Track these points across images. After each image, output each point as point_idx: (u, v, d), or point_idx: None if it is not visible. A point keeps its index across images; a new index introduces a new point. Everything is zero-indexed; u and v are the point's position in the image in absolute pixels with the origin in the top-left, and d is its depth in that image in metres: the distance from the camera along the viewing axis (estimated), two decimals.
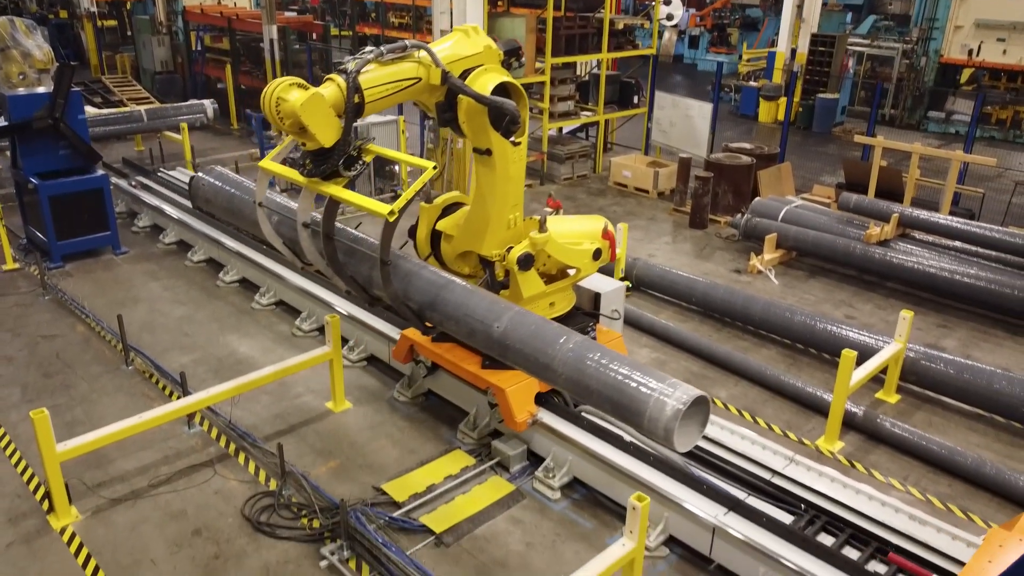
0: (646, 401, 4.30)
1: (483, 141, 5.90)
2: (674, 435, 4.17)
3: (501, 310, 5.25)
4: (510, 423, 6.18)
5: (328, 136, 5.14)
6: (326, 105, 5.08)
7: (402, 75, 5.48)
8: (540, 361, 4.83)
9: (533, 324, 5.05)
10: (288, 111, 4.99)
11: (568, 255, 6.41)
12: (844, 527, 5.23)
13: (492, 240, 6.22)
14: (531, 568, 5.35)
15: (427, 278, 5.73)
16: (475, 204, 6.29)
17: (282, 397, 7.34)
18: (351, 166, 5.40)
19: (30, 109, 9.76)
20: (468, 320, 5.33)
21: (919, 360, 7.48)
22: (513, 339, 5.02)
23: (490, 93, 5.65)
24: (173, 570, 5.31)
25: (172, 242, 10.92)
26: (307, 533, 5.60)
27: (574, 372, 4.65)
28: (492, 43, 5.94)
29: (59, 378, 7.57)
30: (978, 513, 6.06)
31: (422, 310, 5.73)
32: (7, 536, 5.57)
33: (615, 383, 4.47)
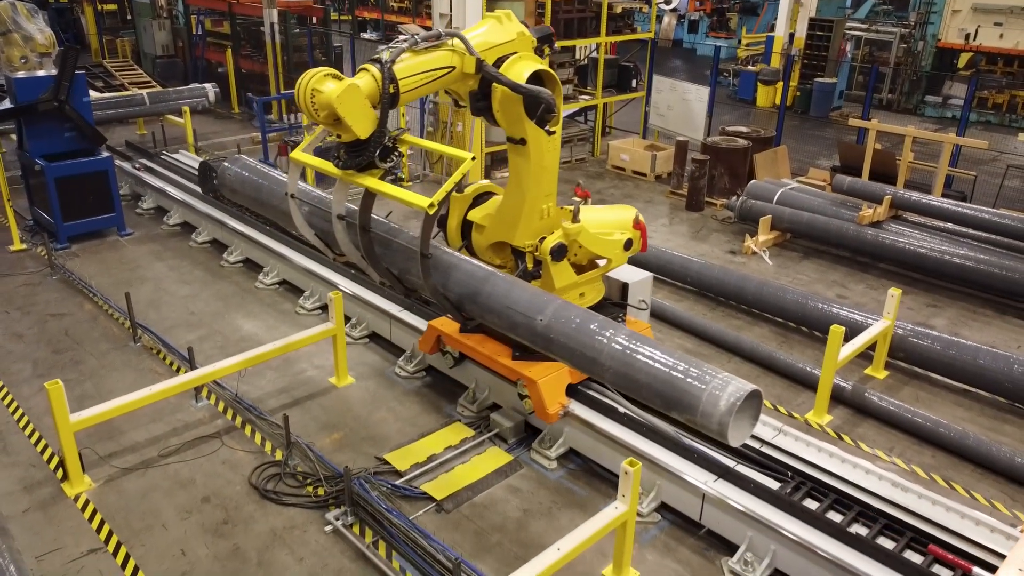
0: (699, 396, 4.28)
1: (517, 130, 5.83)
2: (728, 429, 4.17)
3: (544, 303, 5.19)
4: (541, 415, 6.16)
5: (364, 127, 5.10)
6: (362, 96, 5.03)
7: (436, 64, 5.41)
8: (586, 355, 4.77)
9: (578, 317, 4.99)
10: (323, 102, 4.95)
11: (600, 245, 6.37)
12: (828, 493, 5.43)
13: (525, 230, 6.16)
14: (528, 533, 5.56)
15: (467, 270, 5.67)
16: (508, 194, 6.23)
17: (286, 373, 7.53)
18: (387, 157, 5.36)
19: (36, 92, 9.90)
20: (510, 313, 5.27)
21: (907, 337, 7.67)
22: (557, 332, 4.96)
23: (526, 80, 5.59)
24: (184, 535, 5.52)
25: (176, 223, 11.09)
26: (312, 500, 5.81)
27: (622, 366, 4.61)
28: (525, 29, 5.86)
29: (68, 354, 7.76)
30: (960, 483, 6.27)
31: (461, 302, 5.68)
32: (23, 503, 5.78)
33: (667, 377, 4.43)
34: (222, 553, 5.36)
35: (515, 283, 5.51)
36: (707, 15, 31.11)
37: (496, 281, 5.53)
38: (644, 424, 6.00)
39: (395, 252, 5.92)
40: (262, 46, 17.26)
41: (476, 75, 5.57)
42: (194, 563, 5.27)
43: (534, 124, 5.77)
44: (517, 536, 5.54)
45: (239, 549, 5.39)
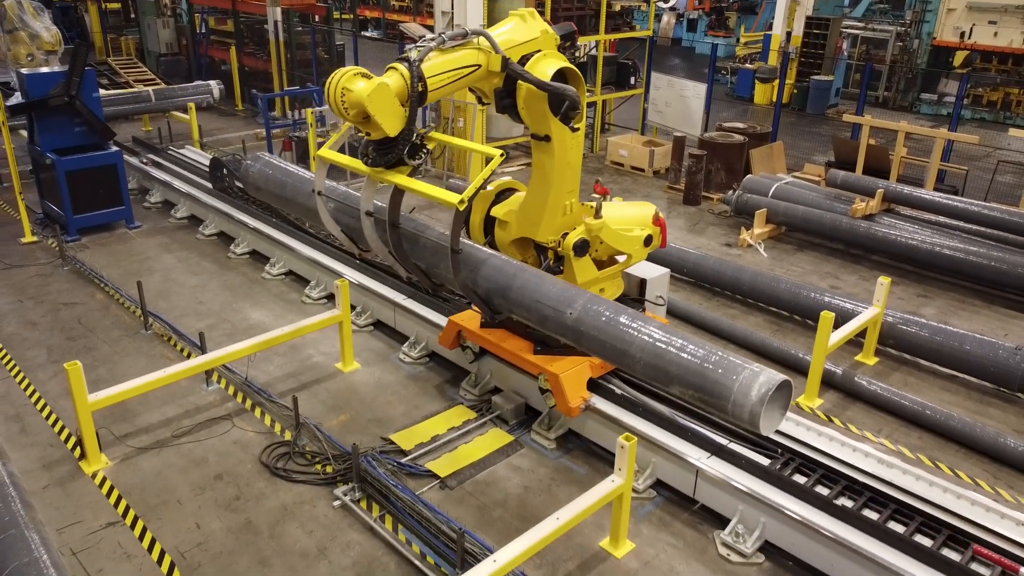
0: (730, 387, 4.35)
1: (542, 127, 5.91)
2: (760, 419, 4.27)
3: (573, 296, 5.28)
4: (563, 408, 6.24)
5: (393, 125, 5.18)
6: (391, 95, 5.12)
7: (463, 62, 5.50)
8: (617, 347, 4.85)
9: (608, 310, 5.08)
10: (353, 101, 5.06)
11: (621, 241, 6.50)
12: (816, 468, 5.66)
13: (548, 226, 6.26)
14: (528, 507, 5.79)
15: (496, 266, 5.77)
16: (532, 190, 6.32)
17: (293, 359, 7.76)
18: (415, 155, 5.46)
19: (47, 87, 10.13)
20: (540, 307, 5.36)
21: (896, 324, 7.90)
22: (588, 325, 5.05)
23: (549, 79, 5.67)
24: (198, 509, 5.75)
25: (183, 217, 11.32)
26: (321, 477, 6.04)
27: (653, 358, 4.68)
28: (548, 28, 5.96)
29: (82, 341, 7.99)
30: (945, 462, 6.50)
31: (490, 296, 5.78)
32: (43, 480, 6.01)
33: (698, 368, 4.50)
34: (235, 526, 5.59)
35: (544, 278, 5.59)
36: (706, 14, 31.37)
37: (526, 276, 5.61)
38: (640, 405, 6.23)
39: (423, 248, 5.98)
40: (265, 44, 17.50)
41: (501, 73, 5.64)
42: (208, 536, 5.50)
43: (558, 121, 5.85)
44: (518, 511, 5.77)
45: (251, 523, 5.62)
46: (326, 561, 5.29)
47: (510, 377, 6.92)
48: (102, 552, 5.34)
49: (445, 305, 7.84)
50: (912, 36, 20.58)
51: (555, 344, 6.40)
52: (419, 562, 5.24)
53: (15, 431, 6.57)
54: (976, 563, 4.90)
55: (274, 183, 7.05)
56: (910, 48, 20.62)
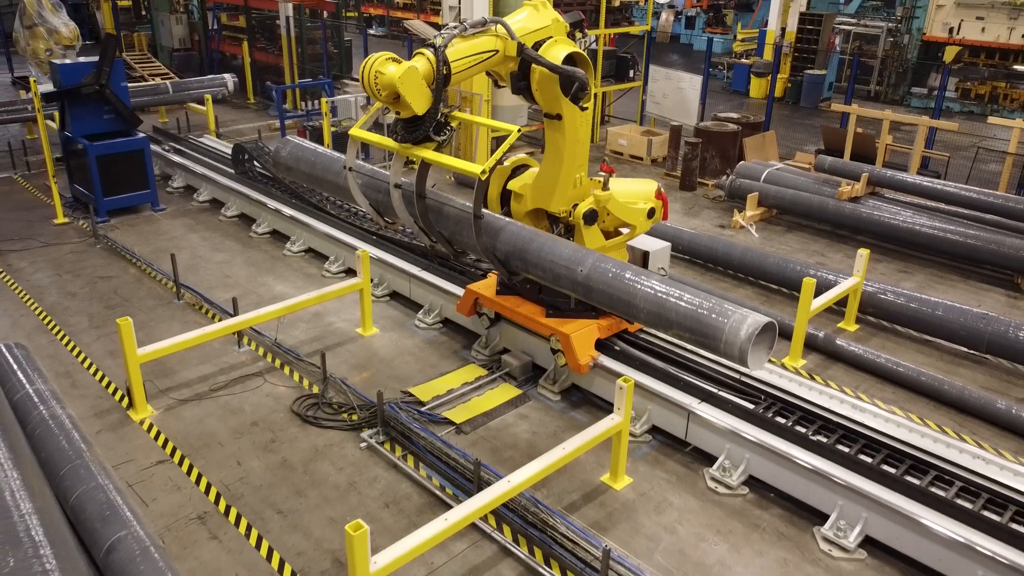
0: (722, 328, 4.89)
1: (554, 107, 6.42)
2: (748, 356, 4.81)
3: (583, 256, 5.83)
4: (574, 366, 6.79)
5: (421, 104, 5.69)
6: (419, 77, 5.64)
7: (482, 48, 6.02)
8: (623, 299, 5.40)
9: (614, 266, 5.63)
10: (386, 82, 5.55)
11: (627, 213, 7.07)
12: (795, 411, 6.29)
13: (560, 198, 6.81)
14: (536, 448, 6.40)
15: (514, 231, 6.31)
16: (545, 165, 6.85)
17: (317, 325, 8.39)
18: (440, 131, 5.95)
19: (78, 77, 10.74)
20: (554, 266, 5.91)
21: (876, 294, 8.52)
22: (597, 281, 5.62)
23: (560, 63, 6.18)
24: (238, 450, 6.37)
25: (206, 200, 11.94)
26: (348, 424, 6.66)
27: (655, 306, 5.24)
28: (559, 16, 6.48)
29: (119, 310, 8.61)
30: (916, 413, 7.11)
31: (508, 259, 6.31)
32: (96, 426, 6.63)
33: (694, 314, 5.06)
34: (272, 464, 6.21)
35: (557, 240, 6.13)
36: (703, 11, 31.99)
37: (541, 240, 6.17)
38: (638, 360, 6.85)
39: (447, 217, 6.51)
40: (276, 39, 18.12)
41: (517, 57, 6.19)
42: (248, 471, 6.12)
43: (569, 101, 6.36)
44: (527, 451, 6.39)
45: (286, 461, 6.25)
46: (356, 492, 5.91)
47: (518, 338, 7.54)
48: (155, 484, 5.97)
49: (457, 276, 8.47)
50: (902, 32, 21.22)
51: (565, 308, 7.02)
52: (439, 492, 5.86)
53: (66, 385, 7.19)
54: (935, 487, 5.51)
55: (305, 163, 7.61)
56: (901, 43, 21.25)
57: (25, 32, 16.83)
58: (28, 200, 12.11)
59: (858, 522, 5.46)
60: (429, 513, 5.57)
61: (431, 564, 5.24)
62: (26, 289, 9.08)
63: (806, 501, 5.79)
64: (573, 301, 7.01)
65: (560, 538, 5.28)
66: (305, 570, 5.18)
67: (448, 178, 13.40)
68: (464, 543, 5.42)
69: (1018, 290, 9.73)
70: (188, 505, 5.76)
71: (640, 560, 5.31)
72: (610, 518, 5.73)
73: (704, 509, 5.86)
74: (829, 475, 5.58)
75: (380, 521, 5.61)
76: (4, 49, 21.45)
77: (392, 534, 5.32)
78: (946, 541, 5.07)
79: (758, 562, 5.38)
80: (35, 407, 5.85)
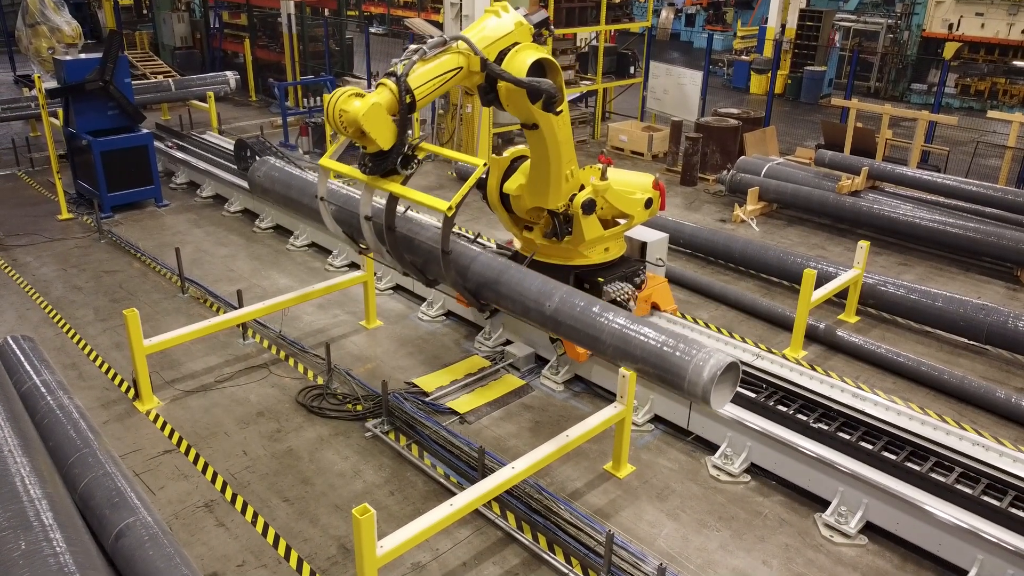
0: (686, 367, 4.87)
1: (527, 117, 6.24)
2: (711, 396, 4.81)
3: (552, 290, 5.77)
4: (572, 354, 6.89)
5: (386, 140, 5.61)
6: (384, 113, 5.55)
7: (446, 67, 5.85)
8: (590, 334, 5.38)
9: (581, 302, 5.58)
10: (350, 120, 5.49)
11: (624, 202, 7.06)
12: (796, 400, 6.34)
13: (555, 196, 6.71)
14: (540, 438, 6.43)
15: (485, 263, 6.24)
16: (534, 170, 6.72)
17: (321, 317, 8.44)
18: (407, 165, 5.85)
19: (82, 73, 10.80)
20: (523, 300, 5.87)
21: (876, 286, 8.57)
22: (564, 316, 5.59)
23: (527, 70, 5.97)
24: (244, 440, 6.43)
25: (209, 196, 12.00)
26: (352, 414, 6.72)
27: (621, 342, 5.22)
28: (522, 19, 6.12)
29: (125, 303, 8.66)
30: (916, 402, 7.16)
31: (479, 291, 6.25)
32: (103, 416, 6.69)
33: (658, 351, 5.05)
34: (278, 452, 6.27)
35: (527, 274, 6.06)
36: (703, 9, 32.02)
37: (511, 273, 6.09)
38: None
39: (417, 249, 6.44)
40: (278, 36, 18.18)
41: (482, 72, 6.00)
42: (255, 460, 6.18)
43: (541, 111, 6.14)
44: (530, 440, 6.45)
45: (292, 450, 6.30)
46: (361, 480, 5.97)
47: (521, 329, 7.59)
48: (162, 473, 6.03)
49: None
50: (902, 28, 21.26)
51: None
52: (444, 480, 5.92)
53: (73, 377, 7.25)
54: (935, 473, 5.57)
55: (280, 184, 7.51)
56: (900, 40, 21.30)
57: (27, 30, 16.89)
58: (33, 196, 12.17)
59: (859, 508, 5.51)
60: (434, 501, 5.62)
61: (436, 550, 5.30)
62: (32, 283, 9.14)
63: (807, 488, 5.84)
64: None
65: (564, 524, 5.33)
66: (312, 556, 5.24)
67: (450, 174, 13.45)
68: (469, 530, 5.48)
69: (1018, 282, 9.78)
70: (195, 493, 5.81)
71: (643, 545, 5.36)
72: (613, 505, 5.79)
73: (706, 496, 5.91)
74: (830, 462, 5.63)
75: (386, 508, 5.67)
76: (7, 47, 21.50)
77: (397, 521, 5.38)
78: (946, 526, 5.13)
79: (760, 547, 5.43)
80: (43, 397, 5.91)
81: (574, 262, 7.05)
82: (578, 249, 6.97)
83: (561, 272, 7.07)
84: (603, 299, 7.02)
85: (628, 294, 7.15)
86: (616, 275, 7.12)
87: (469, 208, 11.72)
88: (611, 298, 7.05)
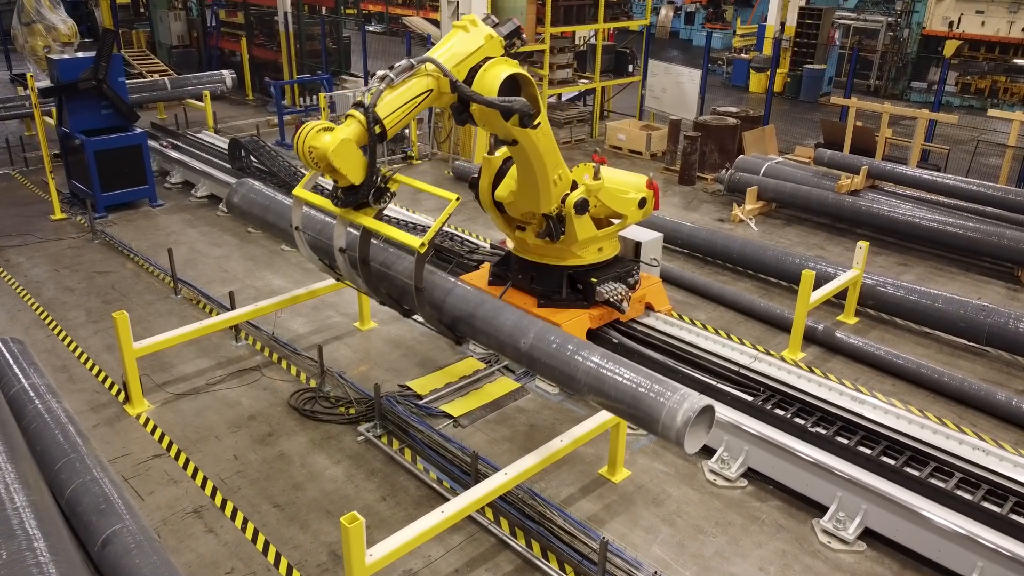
0: (660, 410, 4.78)
1: (505, 134, 6.11)
2: (684, 439, 4.72)
3: (527, 327, 5.63)
4: None
5: (357, 175, 5.47)
6: (354, 147, 5.40)
7: (414, 92, 5.64)
8: (565, 372, 5.30)
9: (557, 339, 5.48)
10: (320, 156, 5.34)
11: (617, 202, 6.98)
12: (794, 403, 6.26)
13: (546, 201, 6.62)
14: (534, 441, 6.37)
15: (460, 295, 6.08)
16: (520, 179, 6.62)
17: (315, 319, 8.36)
18: (380, 198, 5.70)
19: (75, 72, 10.70)
20: (498, 336, 5.75)
21: (876, 287, 8.49)
22: (540, 353, 5.47)
23: (499, 86, 5.67)
24: (235, 444, 6.35)
25: (204, 196, 11.91)
26: (345, 417, 6.64)
27: (595, 382, 5.13)
28: (492, 31, 5.89)
29: (117, 304, 8.58)
30: (916, 405, 7.09)
31: (455, 324, 6.13)
32: (92, 420, 6.61)
33: (633, 392, 4.95)
34: (269, 457, 6.19)
35: (502, 309, 5.90)
36: (703, 7, 31.92)
37: (486, 308, 5.93)
38: (635, 352, 6.83)
39: (392, 282, 6.33)
40: (275, 35, 18.08)
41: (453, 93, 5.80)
42: (246, 465, 6.10)
43: (517, 127, 6.00)
44: (525, 444, 6.37)
45: (284, 454, 6.23)
46: (353, 485, 5.89)
47: None
48: (151, 478, 5.95)
49: (453, 269, 8.44)
50: (902, 26, 21.16)
51: (557, 297, 7.00)
52: (436, 485, 5.84)
53: (63, 379, 7.17)
54: (934, 478, 5.49)
55: (258, 207, 7.41)
56: (900, 38, 21.20)
57: (23, 29, 16.80)
58: (26, 196, 12.09)
59: (857, 514, 5.44)
60: (426, 506, 5.54)
61: (428, 557, 5.22)
62: (23, 284, 9.06)
63: (805, 493, 5.76)
64: (564, 291, 6.97)
65: (557, 530, 5.26)
66: (302, 563, 5.16)
67: (447, 172, 13.37)
68: (461, 536, 5.40)
69: (1018, 282, 9.70)
70: (185, 499, 5.74)
71: (638, 552, 5.28)
72: (608, 510, 5.71)
73: (703, 501, 5.83)
74: (828, 467, 5.56)
75: (377, 514, 5.59)
76: (2, 46, 21.43)
77: (389, 527, 5.30)
78: (946, 532, 5.05)
79: (757, 554, 5.35)
80: (31, 401, 5.83)
81: (567, 262, 6.97)
82: (571, 249, 6.89)
83: (554, 272, 7.01)
84: (596, 299, 6.97)
85: (621, 294, 7.08)
86: (609, 275, 7.05)
87: (465, 208, 11.63)
88: (604, 298, 6.98)
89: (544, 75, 15.07)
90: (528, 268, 7.18)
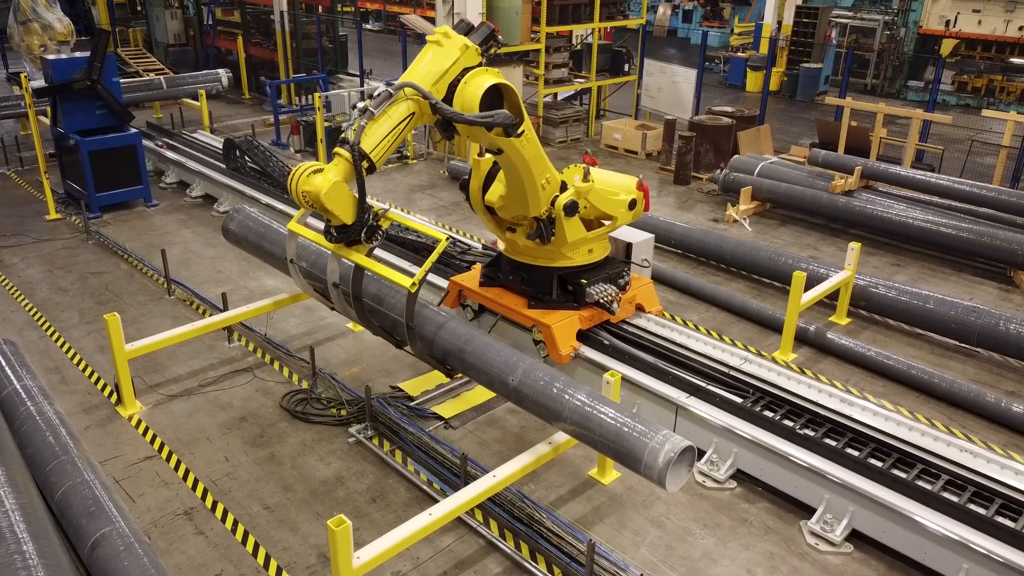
0: (643, 450, 4.91)
1: (491, 144, 6.11)
2: (666, 479, 4.85)
3: (515, 364, 5.75)
4: (555, 356, 6.77)
5: (349, 215, 5.54)
6: (345, 188, 5.46)
7: (397, 119, 5.61)
8: (552, 408, 5.41)
9: (544, 376, 5.58)
10: (314, 199, 5.42)
11: (607, 203, 6.99)
12: (783, 405, 6.28)
13: (535, 205, 6.61)
14: (525, 443, 6.39)
15: (452, 329, 6.19)
16: (509, 185, 6.63)
17: (308, 320, 8.38)
18: (372, 237, 5.73)
19: (69, 72, 10.71)
20: (487, 371, 5.87)
21: (867, 287, 8.51)
22: (528, 390, 5.58)
23: (480, 99, 5.63)
24: (226, 445, 6.37)
25: (199, 196, 11.93)
26: (336, 419, 6.66)
27: (581, 419, 5.25)
28: (467, 40, 5.80)
29: (110, 305, 8.60)
30: (906, 406, 7.12)
31: (445, 358, 6.24)
32: (84, 422, 6.63)
33: (617, 431, 5.08)
34: (260, 459, 6.21)
35: (491, 346, 6.01)
36: (701, 5, 31.89)
37: (475, 344, 6.05)
38: (626, 353, 6.85)
39: (385, 317, 6.45)
40: (271, 34, 18.07)
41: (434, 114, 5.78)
42: (237, 466, 6.13)
43: (502, 137, 5.97)
44: (516, 446, 6.39)
45: (275, 456, 6.25)
46: (343, 487, 5.91)
47: (507, 333, 7.52)
48: (142, 480, 5.97)
49: (442, 269, 8.46)
50: (899, 25, 21.16)
51: (547, 299, 7.02)
52: (426, 487, 5.86)
53: (55, 381, 7.19)
54: (921, 480, 5.51)
55: (254, 234, 7.48)
56: (897, 37, 21.20)
57: (19, 28, 16.78)
58: (21, 196, 12.10)
59: (844, 516, 5.47)
60: (416, 508, 5.57)
61: (417, 559, 5.25)
62: (17, 285, 9.08)
63: (793, 495, 5.79)
64: (555, 292, 6.99)
65: (546, 532, 5.28)
66: (291, 565, 5.19)
67: (442, 172, 13.38)
68: (450, 537, 5.43)
69: (1011, 283, 9.72)
70: (175, 500, 5.76)
71: (625, 554, 5.31)
72: (597, 512, 5.74)
73: (691, 503, 5.86)
74: (816, 469, 5.58)
75: (367, 516, 5.61)
76: None
77: (379, 529, 5.32)
78: (932, 534, 5.07)
79: (744, 556, 5.38)
80: (22, 403, 5.86)
81: (557, 263, 6.99)
82: (561, 251, 6.90)
83: (545, 274, 7.02)
84: (586, 300, 6.98)
85: (611, 296, 7.09)
86: (600, 277, 7.06)
87: (459, 207, 11.66)
88: (594, 300, 6.99)
89: (540, 74, 15.08)
90: (519, 269, 7.19)
